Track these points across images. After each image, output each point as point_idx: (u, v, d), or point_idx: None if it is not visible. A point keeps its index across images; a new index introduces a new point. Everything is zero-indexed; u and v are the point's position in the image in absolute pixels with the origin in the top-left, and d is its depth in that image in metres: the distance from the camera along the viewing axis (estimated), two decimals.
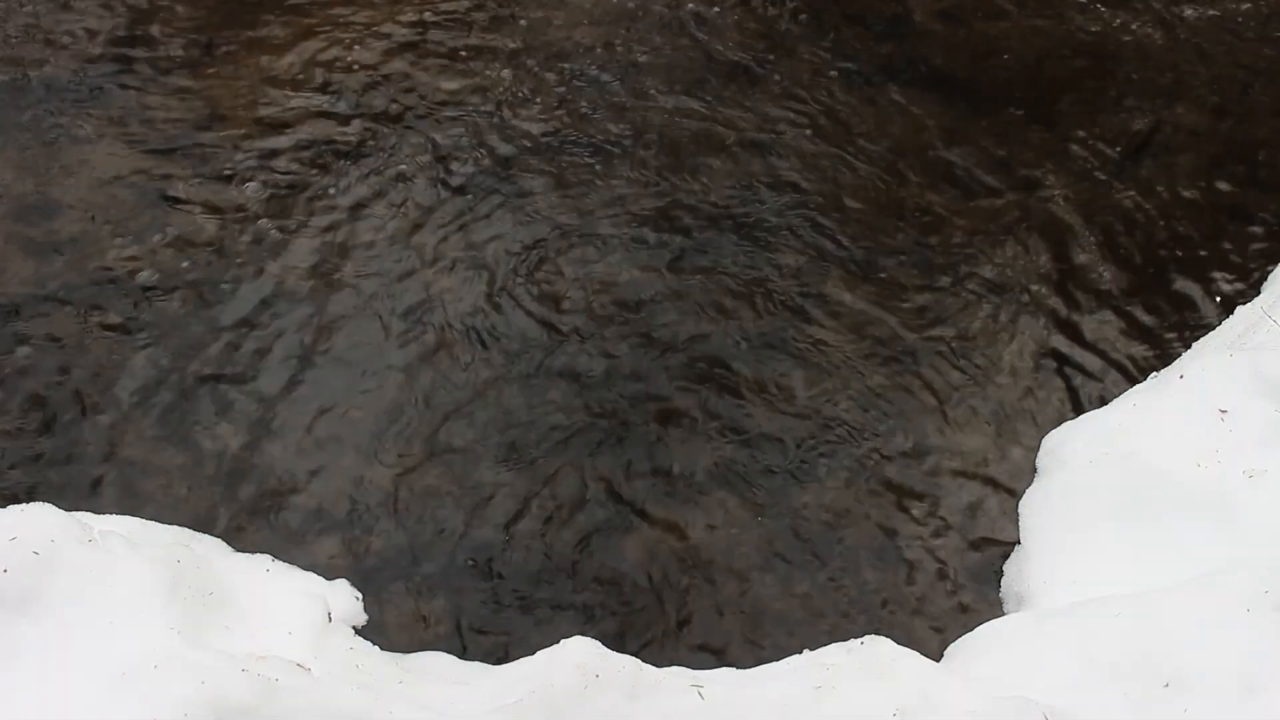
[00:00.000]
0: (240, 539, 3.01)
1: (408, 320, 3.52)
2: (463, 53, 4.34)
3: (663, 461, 3.25)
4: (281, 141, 3.99)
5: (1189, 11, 4.65)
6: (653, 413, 3.35)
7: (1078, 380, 3.51)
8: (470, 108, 4.15)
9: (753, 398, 3.40)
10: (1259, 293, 3.61)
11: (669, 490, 3.20)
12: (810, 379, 3.46)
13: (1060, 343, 3.59)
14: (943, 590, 3.05)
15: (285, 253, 3.67)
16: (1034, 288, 3.73)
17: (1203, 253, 3.85)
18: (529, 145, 4.04)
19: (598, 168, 3.99)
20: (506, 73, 4.28)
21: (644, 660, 2.50)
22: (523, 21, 4.48)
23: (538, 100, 4.19)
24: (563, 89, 4.24)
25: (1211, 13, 4.64)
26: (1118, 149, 4.14)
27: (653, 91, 4.25)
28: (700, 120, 4.16)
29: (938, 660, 2.66)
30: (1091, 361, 3.55)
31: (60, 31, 4.28)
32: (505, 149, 4.02)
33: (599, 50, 4.39)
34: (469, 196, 3.88)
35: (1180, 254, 3.84)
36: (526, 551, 3.06)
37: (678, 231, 3.81)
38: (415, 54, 4.33)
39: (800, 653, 2.65)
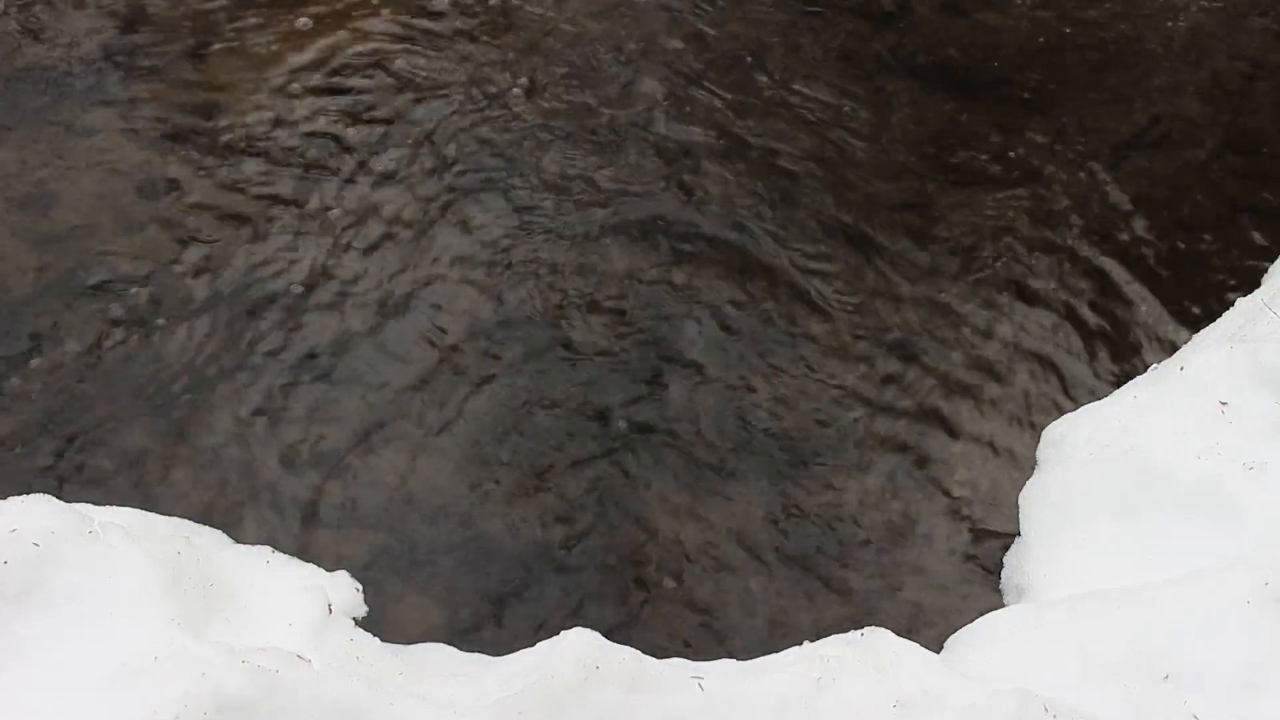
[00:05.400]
0: (240, 531, 3.01)
1: (407, 319, 3.52)
2: (465, 41, 4.33)
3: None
4: (283, 132, 3.98)
5: (1191, 2, 4.63)
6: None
7: (1078, 371, 3.51)
8: (474, 95, 4.15)
9: (752, 384, 3.40)
10: (1259, 284, 3.61)
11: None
12: (808, 367, 3.46)
13: (1060, 334, 3.59)
14: (943, 581, 3.06)
15: (287, 246, 3.66)
16: (1033, 279, 3.72)
17: (1203, 244, 3.84)
18: (531, 134, 4.04)
19: (587, 162, 3.98)
20: (509, 60, 4.28)
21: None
22: (525, 13, 4.47)
23: (539, 87, 4.18)
24: (559, 74, 4.23)
25: (1215, 4, 4.63)
26: (1119, 140, 4.13)
27: (648, 80, 4.24)
28: (697, 111, 4.15)
29: (937, 652, 2.66)
30: (1092, 353, 3.55)
31: (60, 24, 4.26)
32: (506, 138, 4.01)
33: (595, 37, 4.37)
34: (472, 183, 3.87)
35: (1181, 245, 3.84)
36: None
37: (670, 221, 3.81)
38: (417, 44, 4.32)
39: (800, 644, 2.65)
